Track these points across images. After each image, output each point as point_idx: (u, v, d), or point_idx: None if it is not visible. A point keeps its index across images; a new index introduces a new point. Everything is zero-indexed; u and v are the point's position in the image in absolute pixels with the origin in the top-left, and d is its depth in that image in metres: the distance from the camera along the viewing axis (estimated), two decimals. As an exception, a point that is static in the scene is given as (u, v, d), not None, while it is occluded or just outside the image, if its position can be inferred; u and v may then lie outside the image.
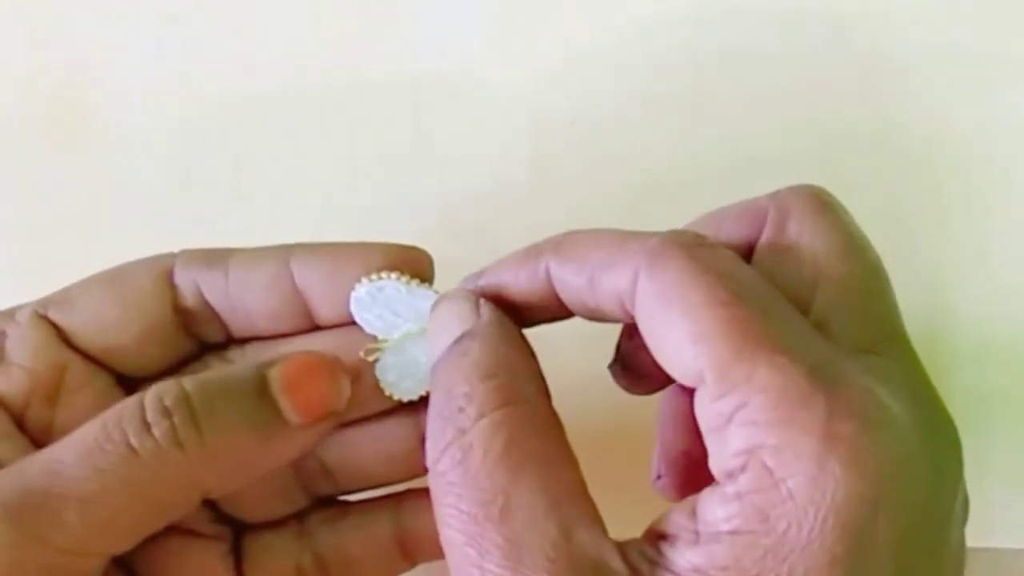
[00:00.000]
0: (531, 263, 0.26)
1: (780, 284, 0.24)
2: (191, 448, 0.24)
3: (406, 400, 0.28)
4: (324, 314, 0.28)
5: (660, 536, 0.23)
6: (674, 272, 0.23)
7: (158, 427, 0.24)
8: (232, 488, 0.27)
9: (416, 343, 0.27)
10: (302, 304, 0.28)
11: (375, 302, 0.27)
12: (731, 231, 0.26)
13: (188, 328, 0.29)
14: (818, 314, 0.24)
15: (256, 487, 0.28)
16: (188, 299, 0.28)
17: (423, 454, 0.24)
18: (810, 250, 0.25)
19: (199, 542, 0.28)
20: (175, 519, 0.26)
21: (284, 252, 0.28)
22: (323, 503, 0.30)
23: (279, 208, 0.39)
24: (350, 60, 0.39)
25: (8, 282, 0.40)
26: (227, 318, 0.28)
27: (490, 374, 0.24)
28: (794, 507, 0.21)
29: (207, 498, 0.26)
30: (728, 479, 0.22)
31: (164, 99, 0.40)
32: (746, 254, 0.25)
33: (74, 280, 0.29)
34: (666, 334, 0.23)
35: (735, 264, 0.24)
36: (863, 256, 0.25)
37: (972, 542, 0.24)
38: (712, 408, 0.22)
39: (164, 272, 0.28)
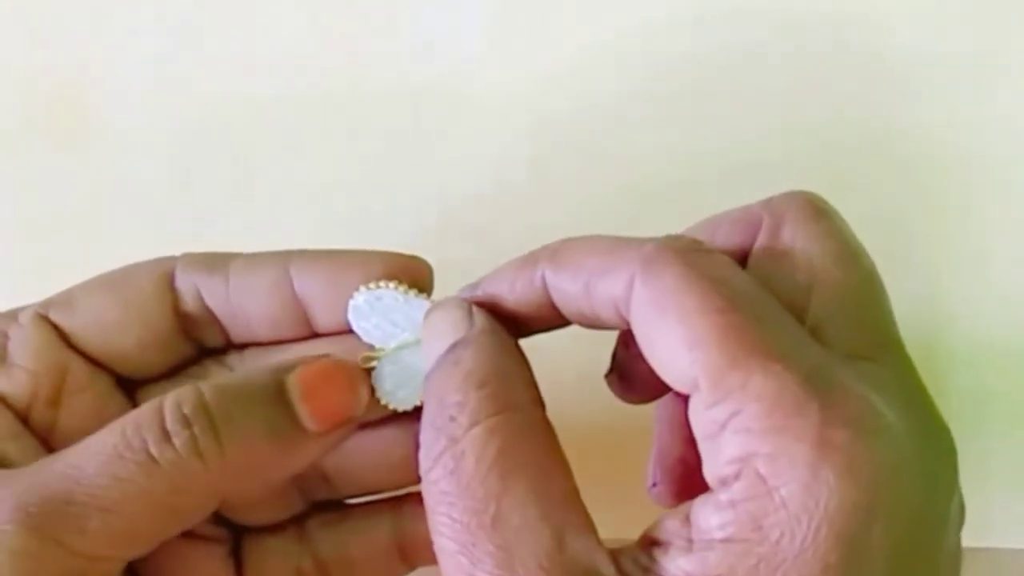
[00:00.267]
0: (527, 271, 0.26)
1: (775, 290, 0.24)
2: (211, 458, 0.24)
3: (401, 410, 0.27)
4: (323, 321, 0.28)
5: (653, 543, 0.23)
6: (669, 278, 0.23)
7: (178, 437, 0.24)
8: (248, 495, 0.27)
9: (412, 352, 0.27)
10: (301, 311, 0.28)
11: (373, 311, 0.27)
12: (725, 238, 0.26)
13: (188, 332, 0.29)
14: (813, 320, 0.24)
15: (254, 492, 0.28)
16: (189, 303, 0.28)
17: (417, 460, 0.24)
18: (805, 256, 0.25)
19: (200, 544, 0.28)
20: (193, 524, 0.26)
21: (284, 259, 0.28)
22: (323, 506, 0.30)
23: (279, 208, 0.39)
24: (350, 60, 0.39)
25: (8, 282, 0.40)
26: (227, 323, 0.28)
27: (482, 382, 0.24)
28: (787, 515, 0.21)
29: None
30: (722, 487, 0.22)
31: (164, 100, 0.40)
32: (741, 261, 0.25)
33: (74, 281, 0.29)
34: (661, 341, 0.23)
35: (730, 270, 0.24)
36: (858, 263, 0.25)
37: (971, 542, 0.24)
38: (706, 415, 0.22)
39: (165, 276, 0.28)
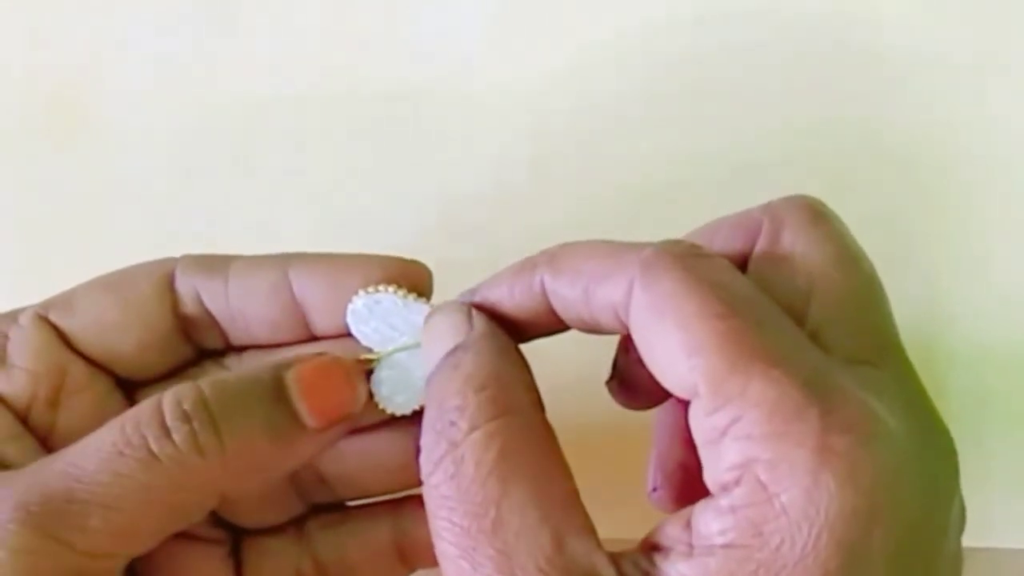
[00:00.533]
0: (525, 276, 0.25)
1: (775, 295, 0.24)
2: (211, 453, 0.24)
3: (400, 414, 0.27)
4: (321, 325, 0.28)
5: (654, 547, 0.23)
6: (668, 283, 0.23)
7: (178, 432, 0.24)
8: (248, 491, 0.27)
9: (411, 357, 0.27)
10: (300, 314, 0.28)
11: (372, 315, 0.27)
12: (725, 242, 0.26)
13: (187, 334, 0.29)
14: (813, 325, 0.24)
15: (253, 494, 0.28)
16: (188, 306, 0.28)
17: (417, 466, 0.24)
18: (804, 261, 0.25)
19: (199, 546, 0.28)
20: (194, 521, 0.26)
21: (283, 262, 0.28)
22: (322, 508, 0.30)
23: (279, 209, 0.39)
24: (350, 61, 0.39)
25: (8, 282, 0.40)
26: (226, 326, 0.28)
27: (482, 386, 0.24)
28: (788, 522, 0.21)
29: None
30: (723, 492, 0.22)
31: (164, 100, 0.40)
32: (740, 265, 0.25)
33: (74, 281, 0.29)
34: (660, 346, 0.23)
35: (730, 274, 0.24)
36: (858, 267, 0.25)
37: (972, 542, 0.24)
38: (706, 421, 0.22)
39: (165, 277, 0.28)
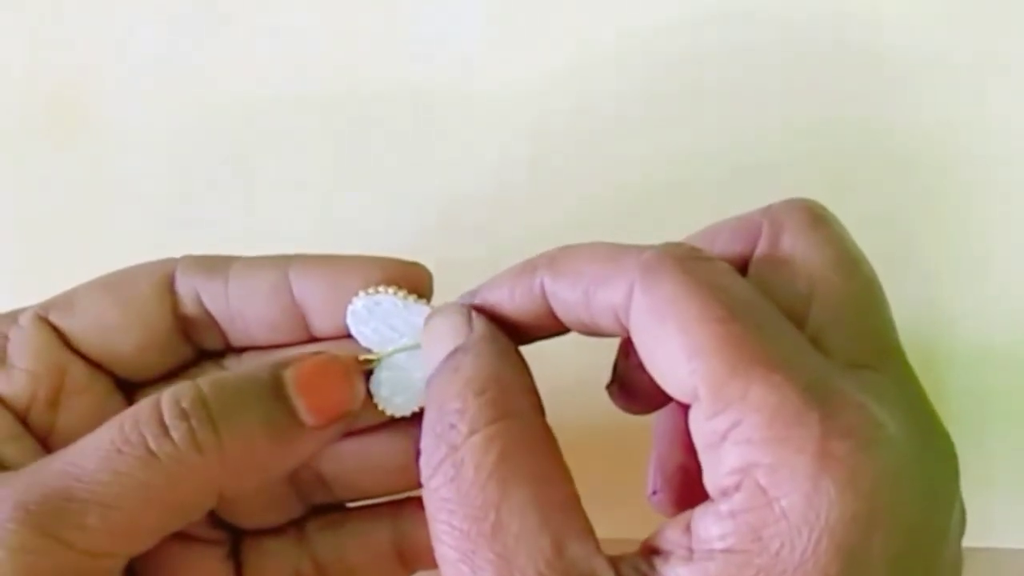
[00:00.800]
0: (525, 279, 0.25)
1: (775, 298, 0.24)
2: (209, 450, 0.24)
3: (398, 416, 0.27)
4: (321, 326, 0.28)
5: (654, 551, 0.23)
6: (668, 286, 0.23)
7: (176, 430, 0.24)
8: (247, 489, 0.27)
9: (410, 358, 0.27)
10: (300, 315, 0.28)
11: (372, 316, 0.27)
12: (725, 246, 0.26)
13: (187, 335, 0.29)
14: (813, 328, 0.24)
15: (252, 495, 0.29)
16: (188, 306, 0.28)
17: (417, 468, 0.24)
18: (804, 264, 0.25)
19: (199, 547, 0.28)
20: (193, 519, 0.26)
21: (283, 263, 0.28)
22: (322, 510, 0.30)
23: (279, 209, 0.39)
24: (350, 61, 0.39)
25: (8, 282, 0.40)
26: (226, 327, 0.28)
27: (481, 389, 0.24)
28: (788, 527, 0.21)
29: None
30: (722, 497, 0.22)
31: (164, 100, 0.40)
32: (740, 269, 0.25)
33: (74, 281, 0.29)
34: (660, 350, 0.23)
35: (730, 278, 0.24)
36: (858, 270, 0.25)
37: (972, 542, 0.24)
38: (707, 426, 0.22)
39: (165, 278, 0.28)
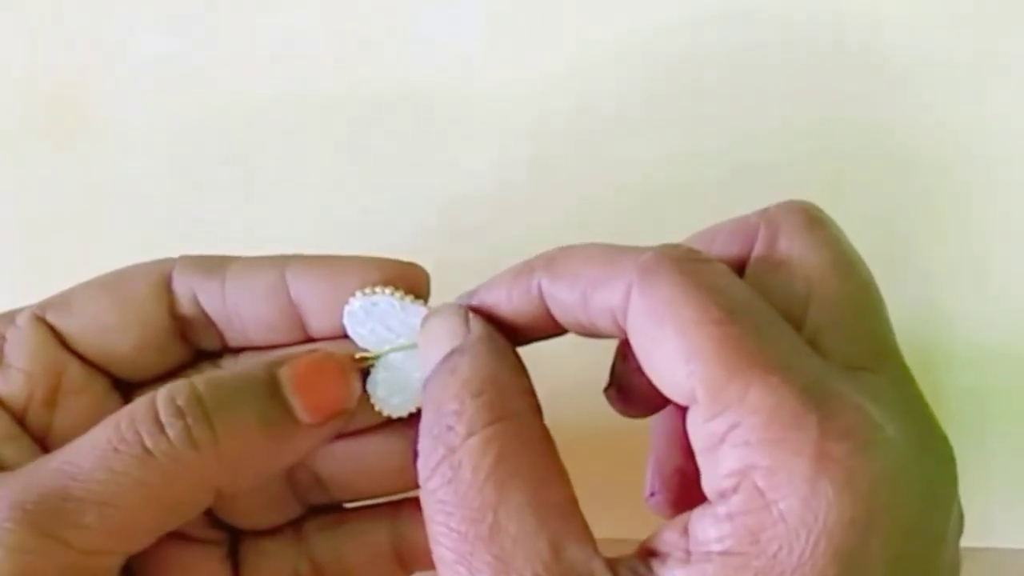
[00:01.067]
0: (523, 280, 0.25)
1: (772, 300, 0.24)
2: (205, 448, 0.24)
3: (395, 416, 0.27)
4: (318, 327, 0.28)
5: (651, 553, 0.23)
6: (666, 288, 0.23)
7: (172, 428, 0.24)
8: (243, 487, 0.27)
9: (407, 359, 0.27)
10: (297, 316, 0.28)
11: (369, 317, 0.27)
12: (722, 248, 0.26)
13: (184, 335, 0.29)
14: (810, 330, 0.24)
15: (250, 495, 0.29)
16: (185, 306, 0.28)
17: (414, 468, 0.24)
18: (802, 266, 0.24)
19: (197, 547, 0.28)
20: (190, 518, 0.26)
21: (280, 263, 0.28)
22: (320, 510, 0.30)
23: (279, 209, 0.39)
24: (350, 61, 0.39)
25: (8, 282, 0.40)
26: (223, 327, 0.28)
27: (479, 391, 0.24)
28: (785, 529, 0.21)
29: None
30: (720, 499, 0.22)
31: (164, 100, 0.40)
32: (737, 271, 0.25)
33: (74, 281, 0.29)
34: (658, 352, 0.23)
35: (728, 279, 0.24)
36: (855, 272, 0.25)
37: (972, 542, 0.24)
38: (705, 428, 0.22)
39: (162, 278, 0.28)
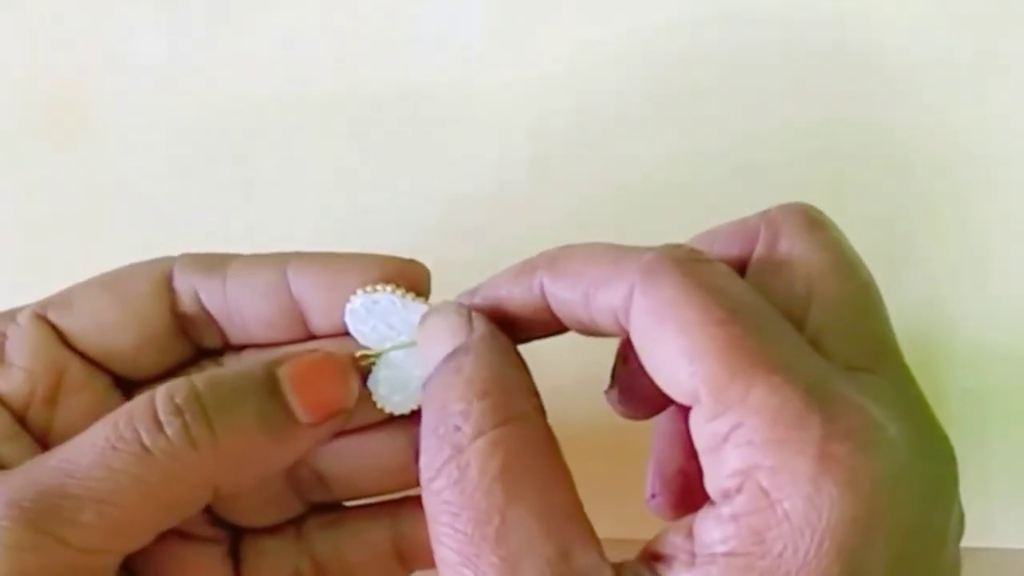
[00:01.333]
0: (525, 278, 0.25)
1: (773, 301, 0.24)
2: (203, 446, 0.24)
3: (397, 414, 0.27)
4: (319, 324, 0.28)
5: (656, 557, 0.23)
6: (668, 288, 0.23)
7: (170, 426, 0.24)
8: (242, 486, 0.27)
9: (408, 356, 0.27)
10: (298, 313, 0.28)
11: (370, 314, 0.27)
12: (722, 250, 0.26)
13: (185, 333, 0.29)
14: (812, 331, 0.24)
15: (251, 493, 0.29)
16: (186, 304, 0.28)
17: (416, 466, 0.24)
18: (802, 267, 0.25)
19: (197, 545, 0.28)
20: (188, 516, 0.26)
21: (281, 261, 0.28)
22: (321, 508, 0.30)
23: (279, 209, 0.39)
24: (350, 61, 0.39)
25: (8, 282, 0.40)
26: (224, 325, 0.28)
27: (485, 392, 0.24)
28: (790, 529, 0.21)
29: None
30: (724, 500, 0.22)
31: (164, 100, 0.40)
32: (738, 273, 0.25)
33: (74, 281, 0.29)
34: (660, 352, 0.23)
35: (730, 280, 0.24)
36: (856, 273, 0.25)
37: (972, 542, 0.24)
38: (708, 428, 0.22)
39: (163, 276, 0.28)
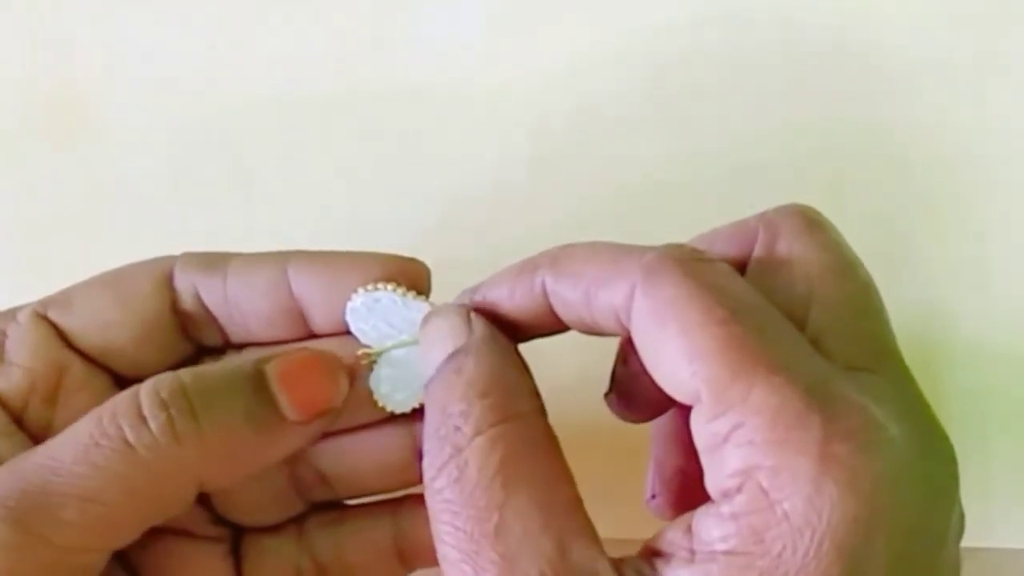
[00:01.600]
0: (526, 278, 0.25)
1: (773, 302, 0.24)
2: (188, 441, 0.24)
3: (398, 412, 0.28)
4: (320, 323, 0.28)
5: (655, 553, 0.23)
6: (670, 288, 0.23)
7: (155, 420, 0.24)
8: (228, 483, 0.27)
9: (410, 355, 0.27)
10: (298, 312, 0.28)
11: (371, 313, 0.27)
12: (720, 252, 0.26)
13: (186, 331, 0.29)
14: (812, 332, 0.24)
15: (252, 492, 0.29)
16: (187, 302, 0.28)
17: (418, 465, 0.24)
18: (802, 268, 0.25)
19: (198, 544, 0.28)
20: (174, 513, 0.26)
21: (282, 259, 0.28)
22: (322, 507, 0.30)
23: (279, 209, 0.39)
24: (350, 61, 0.39)
25: (8, 282, 0.40)
26: (224, 323, 0.28)
27: (485, 392, 0.24)
28: (790, 529, 0.21)
29: (203, 494, 0.26)
30: (724, 499, 0.22)
31: (164, 100, 0.40)
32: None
33: (74, 280, 0.29)
34: (662, 352, 0.23)
35: (731, 279, 0.24)
36: (855, 273, 0.25)
37: (972, 542, 0.24)
38: (708, 428, 0.22)
39: (164, 275, 0.28)
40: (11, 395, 0.27)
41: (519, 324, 0.26)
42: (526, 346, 0.26)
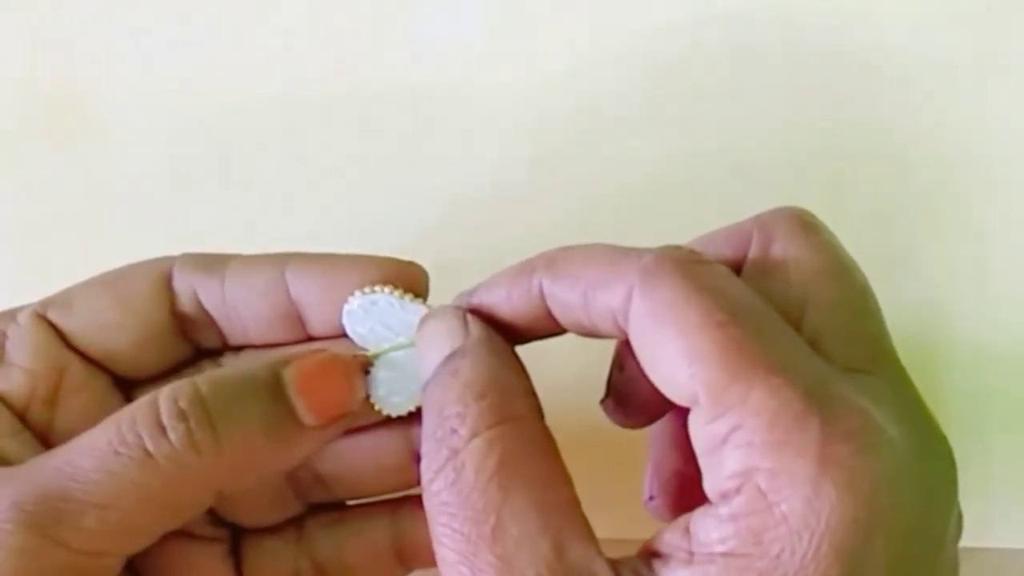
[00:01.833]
0: (524, 280, 0.25)
1: (770, 304, 0.24)
2: (207, 451, 0.24)
3: (395, 415, 0.27)
4: (317, 325, 0.28)
5: (654, 554, 0.23)
6: (668, 290, 0.23)
7: (174, 431, 0.24)
8: (243, 487, 0.27)
9: (407, 357, 0.27)
10: (296, 314, 0.28)
11: (368, 316, 0.27)
12: (716, 255, 0.26)
13: (185, 333, 0.29)
14: (808, 334, 0.24)
15: (251, 493, 0.29)
16: (185, 304, 0.28)
17: (415, 467, 0.24)
18: (797, 270, 0.25)
19: (199, 544, 0.28)
20: (190, 518, 0.26)
21: (280, 261, 0.28)
22: (321, 508, 0.30)
23: (279, 209, 0.39)
24: (350, 61, 0.39)
25: (8, 282, 0.40)
26: (223, 325, 0.28)
27: (482, 393, 0.24)
28: (788, 531, 0.21)
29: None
30: (723, 500, 0.22)
31: (164, 100, 0.40)
32: None
33: (74, 280, 0.29)
34: (660, 354, 0.23)
35: (729, 281, 0.24)
36: (850, 275, 0.25)
37: (972, 542, 0.24)
38: (707, 429, 0.22)
39: (163, 276, 0.28)
40: (13, 396, 0.27)
41: (516, 327, 0.26)
42: (523, 348, 0.26)
